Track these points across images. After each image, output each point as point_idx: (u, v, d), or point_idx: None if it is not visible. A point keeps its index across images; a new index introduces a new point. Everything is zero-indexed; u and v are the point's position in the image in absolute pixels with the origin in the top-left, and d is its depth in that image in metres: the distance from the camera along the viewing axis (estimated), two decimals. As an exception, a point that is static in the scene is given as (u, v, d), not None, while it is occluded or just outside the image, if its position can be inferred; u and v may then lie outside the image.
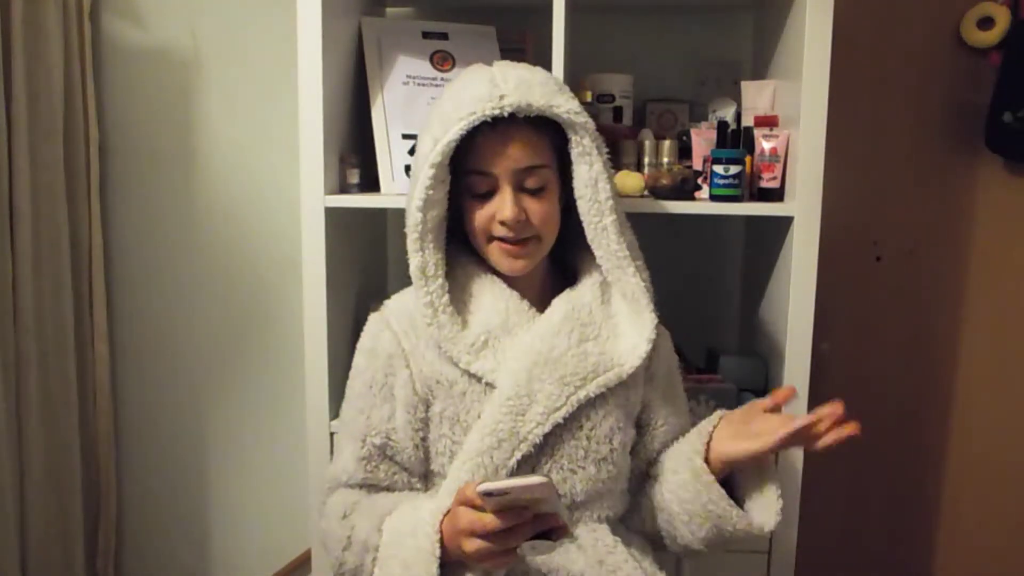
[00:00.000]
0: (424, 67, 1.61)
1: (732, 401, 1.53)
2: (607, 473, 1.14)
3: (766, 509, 1.12)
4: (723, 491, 1.10)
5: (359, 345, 1.23)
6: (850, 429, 1.04)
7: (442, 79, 1.62)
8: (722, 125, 1.51)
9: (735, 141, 1.51)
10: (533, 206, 1.12)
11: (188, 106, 1.99)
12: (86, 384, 1.99)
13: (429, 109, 1.18)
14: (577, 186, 1.13)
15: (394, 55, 1.60)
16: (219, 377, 2.08)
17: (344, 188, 1.56)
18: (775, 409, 1.10)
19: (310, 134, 1.48)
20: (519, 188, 1.11)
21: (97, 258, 1.97)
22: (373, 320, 1.23)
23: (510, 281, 1.18)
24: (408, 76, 1.60)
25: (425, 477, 1.19)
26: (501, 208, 1.10)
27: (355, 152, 1.59)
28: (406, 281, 1.92)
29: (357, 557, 1.12)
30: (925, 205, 1.87)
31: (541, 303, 1.18)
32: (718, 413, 1.17)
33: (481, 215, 1.12)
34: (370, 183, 1.58)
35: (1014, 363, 1.90)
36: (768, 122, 1.51)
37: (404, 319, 1.19)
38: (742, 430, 1.11)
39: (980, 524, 1.96)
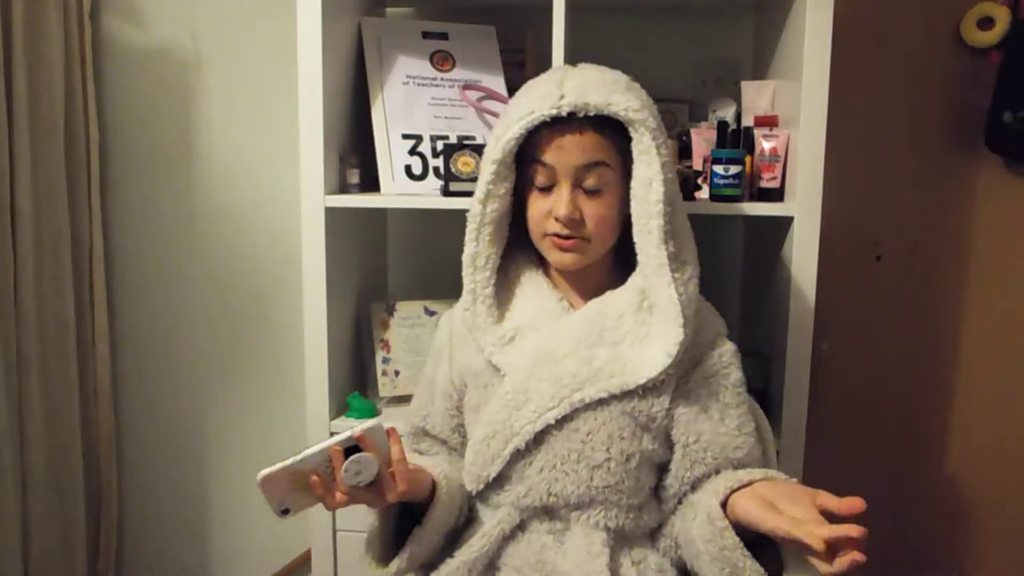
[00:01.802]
0: (424, 67, 1.61)
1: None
2: (602, 481, 1.11)
3: None
4: (737, 540, 1.00)
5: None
6: (858, 556, 0.86)
7: (442, 79, 1.62)
8: (722, 125, 1.51)
9: (735, 141, 1.51)
10: (589, 207, 1.12)
11: (188, 106, 1.99)
12: (87, 384, 2.00)
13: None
14: (634, 186, 1.11)
15: (394, 55, 1.60)
16: (219, 377, 2.08)
17: (344, 188, 1.56)
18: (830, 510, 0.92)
19: (310, 134, 1.48)
20: (578, 186, 1.11)
21: (98, 258, 1.97)
22: (442, 316, 1.32)
23: (564, 279, 1.20)
24: (408, 76, 1.60)
25: None
26: (557, 204, 1.11)
27: (355, 152, 1.59)
28: (406, 281, 1.92)
29: None
30: (925, 205, 1.87)
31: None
32: (763, 472, 1.07)
33: (539, 209, 1.14)
34: (370, 183, 1.58)
35: (1014, 363, 1.90)
36: (768, 122, 1.51)
37: (460, 316, 1.24)
38: (776, 499, 0.98)
39: (980, 523, 1.96)
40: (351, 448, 0.99)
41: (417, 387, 1.33)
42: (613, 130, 1.10)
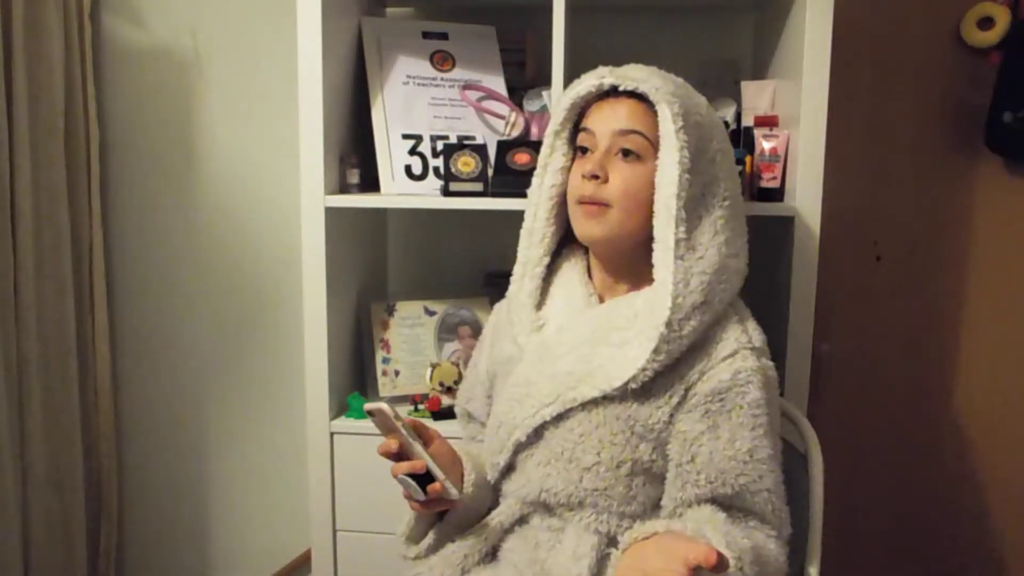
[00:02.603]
0: (424, 67, 1.61)
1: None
2: (591, 484, 1.09)
3: None
4: None
5: None
6: None
7: (442, 79, 1.62)
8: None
9: (735, 141, 1.51)
10: (620, 170, 1.11)
11: (188, 106, 1.99)
12: (87, 384, 2.00)
13: None
14: (656, 172, 1.11)
15: (394, 55, 1.60)
16: (219, 377, 2.08)
17: (344, 188, 1.56)
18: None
19: (310, 134, 1.48)
20: (615, 152, 1.12)
21: (98, 258, 1.97)
22: (497, 304, 1.33)
23: (601, 273, 1.19)
24: (408, 76, 1.60)
25: None
26: (587, 162, 1.13)
27: (355, 152, 1.59)
28: (406, 281, 1.91)
29: None
30: (925, 205, 1.87)
31: None
32: (670, 524, 1.00)
33: (576, 172, 1.15)
34: (370, 183, 1.58)
35: (1014, 363, 1.90)
36: (768, 122, 1.51)
37: (507, 305, 1.27)
38: (648, 558, 0.95)
39: (980, 523, 1.96)
40: (428, 474, 1.07)
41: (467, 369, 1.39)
42: (655, 115, 1.11)
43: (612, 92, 1.14)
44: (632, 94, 1.12)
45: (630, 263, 1.16)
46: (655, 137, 1.10)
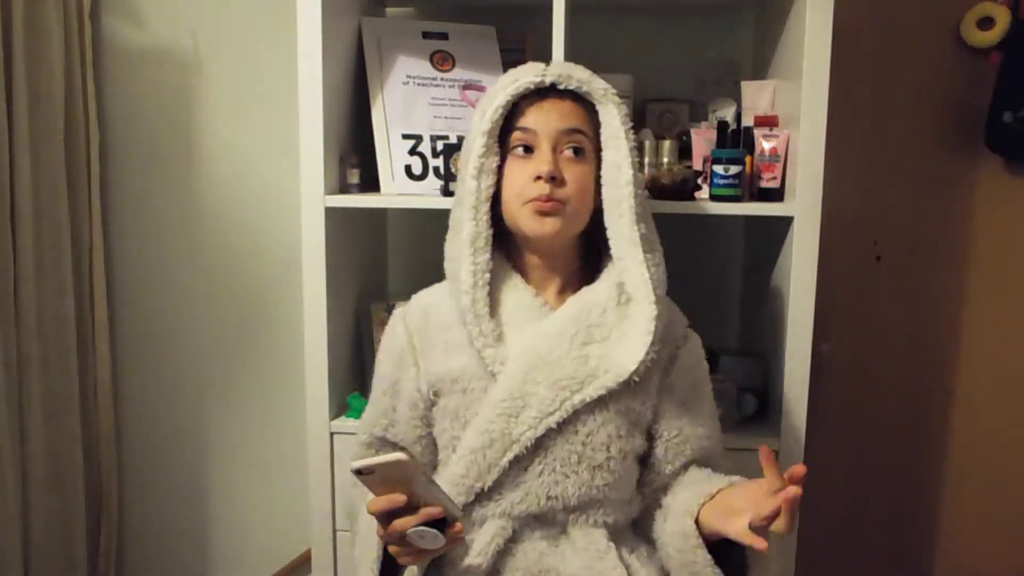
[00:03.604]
0: (424, 67, 1.61)
1: (732, 401, 1.53)
2: (602, 480, 1.12)
3: None
4: (708, 558, 1.05)
5: (382, 339, 1.28)
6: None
7: (442, 79, 1.62)
8: (722, 125, 1.51)
9: (735, 141, 1.51)
10: (570, 170, 1.13)
11: (188, 106, 1.99)
12: (87, 384, 2.00)
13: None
14: (604, 171, 1.14)
15: (394, 55, 1.60)
16: (220, 377, 2.08)
17: (344, 188, 1.56)
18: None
19: (310, 134, 1.48)
20: (561, 151, 1.14)
21: (98, 258, 1.97)
22: (394, 315, 1.28)
23: (535, 273, 1.19)
24: (408, 76, 1.60)
25: (435, 466, 1.21)
26: (539, 163, 1.12)
27: (355, 152, 1.59)
28: (406, 281, 1.92)
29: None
30: (925, 205, 1.87)
31: (561, 303, 1.18)
32: (728, 480, 1.10)
33: (520, 174, 1.14)
34: (370, 183, 1.58)
35: (1014, 363, 1.90)
36: (768, 122, 1.51)
37: (419, 316, 1.23)
38: (733, 501, 1.03)
39: (981, 524, 1.96)
40: (441, 520, 0.97)
41: (372, 392, 1.26)
42: (590, 113, 1.16)
43: (550, 90, 1.15)
44: (569, 92, 1.15)
45: (564, 257, 1.20)
46: (594, 136, 1.15)
